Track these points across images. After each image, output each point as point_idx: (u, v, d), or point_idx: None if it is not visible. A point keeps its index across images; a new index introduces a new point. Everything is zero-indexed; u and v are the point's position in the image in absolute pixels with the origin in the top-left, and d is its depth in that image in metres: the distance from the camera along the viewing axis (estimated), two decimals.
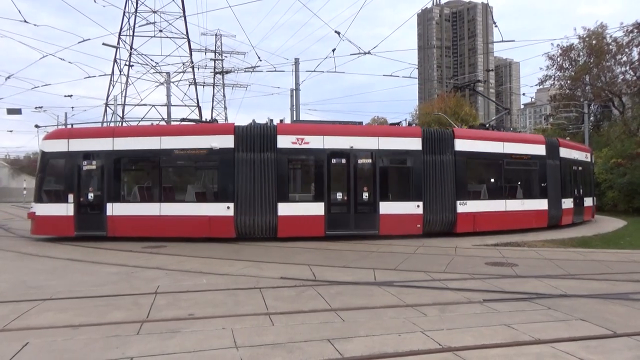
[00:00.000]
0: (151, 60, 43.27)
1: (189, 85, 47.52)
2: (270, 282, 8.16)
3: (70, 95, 36.76)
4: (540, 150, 17.47)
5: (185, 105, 45.54)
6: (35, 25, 27.89)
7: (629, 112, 38.29)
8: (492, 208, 16.13)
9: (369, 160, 14.81)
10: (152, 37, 44.61)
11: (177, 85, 42.92)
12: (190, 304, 6.63)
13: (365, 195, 14.68)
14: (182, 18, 45.56)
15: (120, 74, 44.36)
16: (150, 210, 14.08)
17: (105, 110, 44.61)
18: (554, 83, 41.71)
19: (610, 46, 37.33)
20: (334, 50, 19.26)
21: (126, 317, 5.98)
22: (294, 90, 24.93)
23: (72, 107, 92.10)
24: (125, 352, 4.68)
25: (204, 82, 59.22)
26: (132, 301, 6.79)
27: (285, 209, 14.07)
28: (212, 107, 62.24)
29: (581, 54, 39.40)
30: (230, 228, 13.90)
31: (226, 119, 60.87)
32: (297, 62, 24.09)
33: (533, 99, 65.30)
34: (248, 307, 6.48)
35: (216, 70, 56.59)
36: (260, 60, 23.32)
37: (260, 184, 14.02)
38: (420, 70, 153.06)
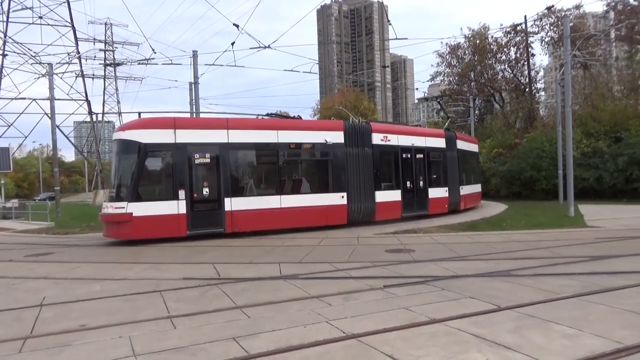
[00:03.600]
0: (29, 49, 39.35)
1: (76, 78, 43.91)
2: (172, 283, 7.82)
3: None
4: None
5: (72, 99, 42.11)
6: None
7: (507, 107, 42.25)
8: (468, 191, 21.59)
9: (422, 155, 18.14)
10: (30, 24, 40.50)
11: (61, 78, 39.47)
12: (82, 313, 6.13)
13: (421, 183, 18.11)
14: (66, 4, 41.95)
15: None
16: (272, 203, 14.43)
17: None
18: (443, 79, 44.74)
19: (492, 46, 40.78)
20: (233, 44, 18.84)
21: (5, 334, 5.35)
22: (192, 83, 24.10)
23: None
24: None
25: (94, 75, 55.11)
26: (13, 316, 6.12)
27: (380, 196, 16.54)
28: (104, 101, 58.20)
29: (467, 52, 42.60)
30: (343, 215, 15.59)
31: (119, 113, 57.28)
32: (195, 54, 23.31)
33: (426, 94, 69.42)
34: (147, 312, 6.14)
35: (107, 61, 52.94)
36: (155, 53, 22.21)
37: (363, 174, 16.12)
38: (321, 66, 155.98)
